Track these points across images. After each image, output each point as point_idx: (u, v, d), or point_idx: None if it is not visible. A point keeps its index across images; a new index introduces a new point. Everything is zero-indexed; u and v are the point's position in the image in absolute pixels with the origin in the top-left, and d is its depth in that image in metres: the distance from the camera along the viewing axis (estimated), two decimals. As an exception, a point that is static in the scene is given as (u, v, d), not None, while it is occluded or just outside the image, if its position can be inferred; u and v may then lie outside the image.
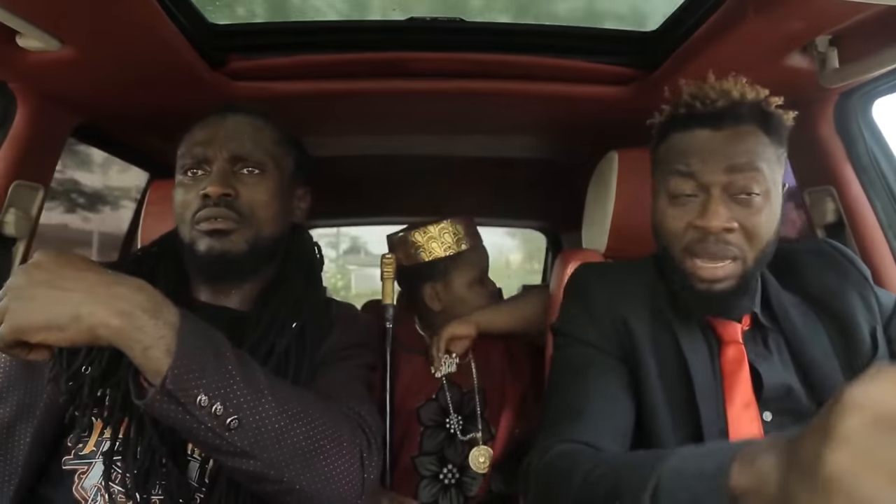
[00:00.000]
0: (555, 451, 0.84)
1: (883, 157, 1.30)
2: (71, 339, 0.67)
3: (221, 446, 0.72)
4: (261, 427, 0.73)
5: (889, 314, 0.97)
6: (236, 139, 0.99)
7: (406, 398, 1.49)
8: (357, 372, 1.00)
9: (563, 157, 1.90)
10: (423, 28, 1.28)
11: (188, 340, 0.70)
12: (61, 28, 0.98)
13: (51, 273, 0.69)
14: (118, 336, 0.67)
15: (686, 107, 0.92)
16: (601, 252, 1.32)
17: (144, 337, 0.68)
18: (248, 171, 0.99)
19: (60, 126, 1.32)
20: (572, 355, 0.98)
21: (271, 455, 0.74)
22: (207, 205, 0.95)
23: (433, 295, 1.53)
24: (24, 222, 1.25)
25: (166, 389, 0.68)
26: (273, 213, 1.00)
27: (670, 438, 0.91)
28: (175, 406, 0.69)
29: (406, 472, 1.45)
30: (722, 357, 0.94)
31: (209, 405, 0.70)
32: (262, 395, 0.74)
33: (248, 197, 0.97)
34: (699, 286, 0.90)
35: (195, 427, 0.71)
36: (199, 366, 0.70)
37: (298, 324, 0.97)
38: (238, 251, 0.96)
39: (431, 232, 1.51)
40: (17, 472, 0.85)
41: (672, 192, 0.91)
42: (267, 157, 1.01)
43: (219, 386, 0.71)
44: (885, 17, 0.94)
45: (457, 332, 1.45)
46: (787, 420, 0.91)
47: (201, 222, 0.95)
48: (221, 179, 0.95)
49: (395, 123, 1.62)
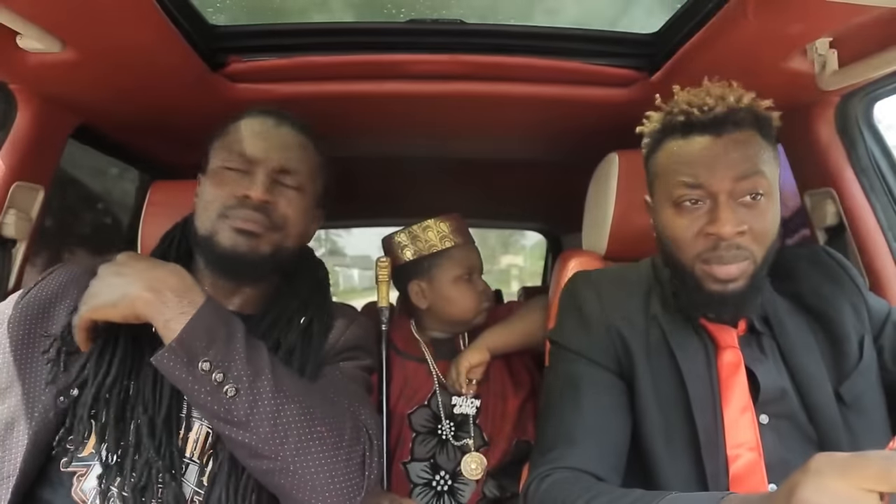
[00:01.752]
0: (551, 480, 0.86)
1: (883, 159, 1.30)
2: (121, 314, 0.82)
3: (220, 413, 0.80)
4: (256, 401, 0.80)
5: (880, 324, 0.99)
6: (287, 151, 1.00)
7: (398, 403, 1.49)
8: (356, 374, 1.01)
9: (564, 158, 1.91)
10: (423, 30, 1.28)
11: (204, 317, 0.82)
12: (62, 29, 0.98)
13: (119, 265, 0.85)
14: (147, 307, 0.81)
15: (684, 114, 0.91)
16: (601, 254, 1.32)
17: (167, 311, 0.81)
18: (289, 185, 1.00)
19: (61, 127, 1.32)
20: (568, 371, 0.99)
21: (266, 429, 0.80)
22: (245, 206, 0.95)
23: (418, 292, 1.54)
24: (24, 224, 1.25)
25: (173, 347, 0.79)
26: (300, 230, 1.03)
27: (664, 449, 0.91)
28: (181, 366, 0.79)
29: (398, 478, 1.45)
30: (719, 361, 0.95)
31: (210, 371, 0.80)
32: (262, 374, 0.82)
33: (284, 209, 0.99)
34: (713, 287, 0.90)
35: (196, 389, 0.80)
36: (208, 338, 0.81)
37: (306, 319, 0.99)
38: (262, 253, 0.97)
39: (416, 231, 1.54)
40: (15, 474, 0.85)
41: (677, 200, 0.91)
42: (308, 177, 1.03)
43: (223, 358, 0.81)
44: (884, 20, 0.94)
45: (472, 361, 1.45)
46: (782, 423, 0.92)
47: (232, 219, 0.95)
48: (264, 186, 0.96)
49: (395, 125, 1.62)
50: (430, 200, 2.28)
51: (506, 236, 12.41)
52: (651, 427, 0.93)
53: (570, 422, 0.93)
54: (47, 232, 1.64)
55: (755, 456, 0.89)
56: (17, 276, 1.26)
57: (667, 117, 0.95)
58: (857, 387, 0.93)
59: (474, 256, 1.57)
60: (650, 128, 0.99)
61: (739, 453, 0.89)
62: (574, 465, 0.88)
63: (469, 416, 1.48)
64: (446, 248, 1.52)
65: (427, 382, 1.51)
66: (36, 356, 0.91)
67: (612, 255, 1.30)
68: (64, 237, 1.96)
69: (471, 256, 1.56)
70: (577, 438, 0.91)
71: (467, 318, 1.53)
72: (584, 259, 1.31)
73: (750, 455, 0.89)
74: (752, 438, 0.89)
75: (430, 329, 1.59)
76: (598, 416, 0.93)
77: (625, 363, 0.97)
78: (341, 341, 1.02)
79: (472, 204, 2.35)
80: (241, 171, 0.98)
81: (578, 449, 0.90)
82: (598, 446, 0.91)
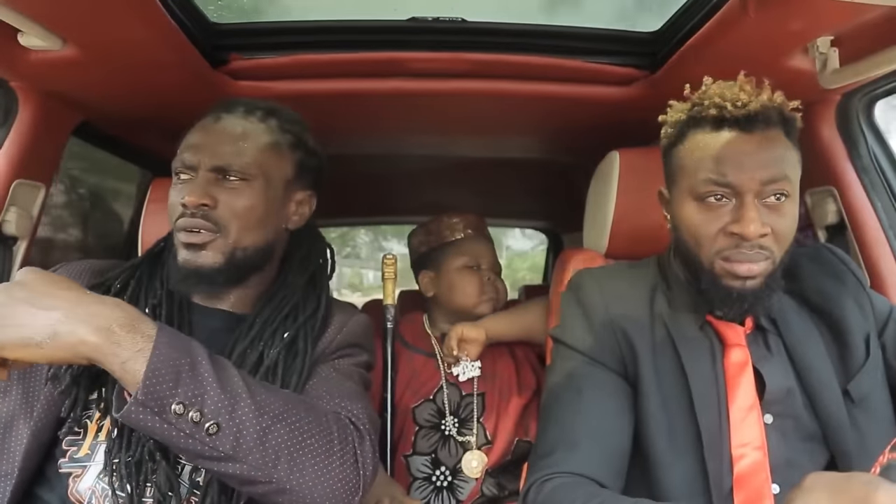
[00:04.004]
0: (552, 486, 0.86)
1: (884, 157, 1.30)
2: (48, 356, 0.69)
3: (204, 452, 0.73)
4: (241, 430, 0.74)
5: (884, 321, 0.98)
6: (222, 147, 0.96)
7: (404, 395, 1.50)
8: (351, 371, 1.00)
9: (565, 157, 1.91)
10: (424, 28, 1.28)
11: (163, 351, 0.72)
12: (63, 27, 0.98)
13: (32, 291, 0.70)
14: (97, 352, 0.70)
15: (716, 107, 0.89)
16: (602, 252, 1.31)
17: (122, 351, 0.70)
18: (230, 180, 0.95)
19: (62, 125, 1.32)
20: (569, 371, 0.98)
21: (256, 457, 0.75)
22: (185, 214, 0.93)
23: (427, 282, 1.61)
24: (25, 221, 1.25)
25: (139, 400, 0.69)
26: (255, 222, 0.97)
27: (667, 449, 0.91)
28: (151, 416, 0.71)
29: (399, 470, 1.46)
30: (726, 359, 0.94)
31: (185, 412, 0.71)
32: (240, 399, 0.75)
33: (227, 206, 0.94)
34: (732, 283, 0.90)
35: (174, 435, 0.72)
36: (174, 374, 0.71)
37: (290, 333, 0.95)
38: (212, 265, 0.93)
39: (430, 226, 1.62)
40: (14, 473, 0.85)
41: (702, 196, 0.90)
42: (252, 165, 0.96)
43: (195, 394, 0.72)
44: (886, 18, 0.94)
45: (466, 332, 1.46)
46: (787, 423, 0.91)
47: (180, 231, 0.94)
48: (199, 189, 0.93)
49: (396, 123, 1.63)
50: (431, 198, 2.28)
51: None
52: (654, 427, 0.92)
53: (571, 424, 0.93)
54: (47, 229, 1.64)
55: (760, 455, 0.88)
56: (19, 274, 1.26)
57: (695, 108, 0.93)
58: (864, 385, 0.92)
59: (484, 249, 1.60)
60: (674, 118, 0.96)
61: (744, 453, 0.88)
62: (574, 470, 0.87)
63: (472, 409, 1.49)
64: (456, 239, 1.58)
65: (434, 376, 1.52)
66: None
67: (613, 253, 1.30)
68: (63, 234, 1.97)
69: (479, 248, 1.59)
70: (577, 442, 0.90)
71: (469, 305, 1.54)
72: (584, 258, 1.31)
73: (755, 454, 0.88)
74: (758, 437, 0.89)
75: (440, 322, 1.61)
76: (599, 419, 0.92)
77: (629, 362, 0.96)
78: (337, 340, 1.01)
79: (472, 202, 2.35)
80: (186, 177, 0.96)
81: (579, 453, 0.89)
82: (599, 450, 0.90)
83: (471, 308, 1.55)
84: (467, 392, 1.51)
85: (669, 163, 0.98)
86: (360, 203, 2.44)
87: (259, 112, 1.02)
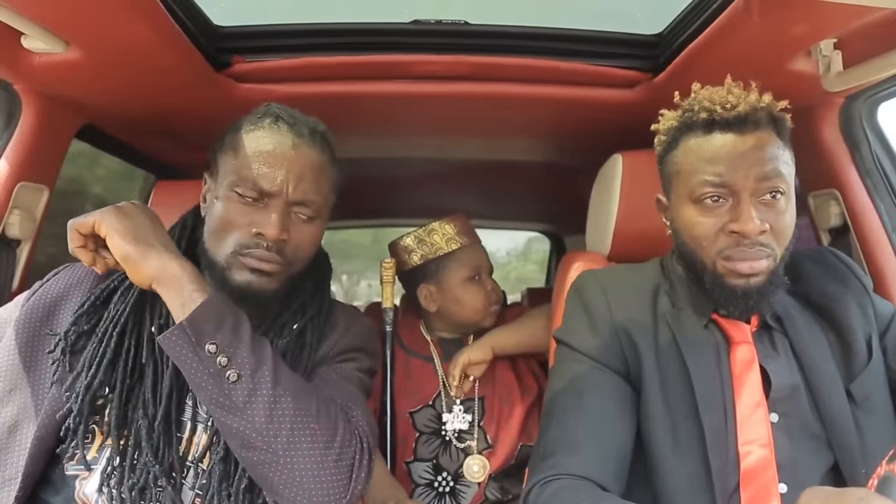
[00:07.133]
0: (553, 488, 0.86)
1: (888, 160, 1.30)
2: (145, 276, 0.85)
3: (219, 399, 0.81)
4: (256, 389, 0.82)
5: (886, 324, 0.99)
6: (304, 181, 0.95)
7: (399, 398, 1.49)
8: (354, 375, 1.00)
9: (568, 159, 1.90)
10: (427, 31, 1.28)
11: (215, 303, 0.84)
12: (66, 30, 0.98)
13: (154, 224, 0.90)
14: (174, 283, 0.85)
15: (706, 111, 0.92)
16: (605, 255, 1.31)
17: (184, 293, 0.84)
18: (303, 216, 0.96)
19: (65, 127, 1.32)
20: (572, 373, 0.98)
21: (261, 419, 0.81)
22: (260, 245, 0.92)
23: (428, 296, 1.54)
24: (28, 224, 1.25)
25: (183, 326, 0.81)
26: (312, 252, 1.01)
27: (670, 449, 0.91)
28: (188, 346, 0.81)
29: (400, 477, 1.45)
30: (732, 358, 0.94)
31: (215, 354, 0.81)
32: (264, 364, 0.84)
33: (296, 241, 0.95)
34: (736, 282, 0.91)
35: (200, 370, 0.81)
36: (217, 322, 0.83)
37: (300, 325, 0.98)
38: (271, 289, 0.95)
39: (421, 235, 1.54)
40: (19, 476, 0.85)
41: (699, 198, 0.92)
42: (322, 203, 0.99)
43: (230, 343, 0.82)
44: (889, 21, 0.94)
45: (473, 358, 1.45)
46: (792, 422, 0.92)
47: (247, 257, 0.92)
48: (280, 224, 0.92)
49: (399, 126, 1.63)
50: (434, 201, 2.28)
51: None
52: (658, 428, 0.92)
53: (573, 426, 0.93)
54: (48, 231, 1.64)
55: (767, 452, 0.88)
56: (22, 277, 1.26)
57: (686, 114, 0.95)
58: (867, 385, 0.93)
59: (481, 256, 1.57)
60: (666, 125, 0.98)
61: (751, 450, 0.88)
62: (575, 472, 0.87)
63: (473, 412, 1.48)
64: (453, 251, 1.52)
65: (432, 381, 1.51)
66: (42, 357, 0.91)
67: (616, 256, 1.29)
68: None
69: (478, 256, 1.56)
70: (578, 444, 0.91)
71: (477, 320, 1.53)
72: (587, 260, 1.30)
73: (762, 451, 0.88)
74: (765, 435, 0.89)
75: (438, 330, 1.59)
76: (601, 421, 0.93)
77: (632, 364, 0.96)
78: (340, 343, 1.02)
79: (475, 205, 2.35)
80: (255, 200, 0.93)
81: (580, 455, 0.89)
82: (600, 453, 0.90)
83: (479, 322, 1.53)
84: (467, 397, 1.50)
85: (665, 169, 0.99)
86: (362, 206, 2.44)
87: (325, 140, 1.01)
